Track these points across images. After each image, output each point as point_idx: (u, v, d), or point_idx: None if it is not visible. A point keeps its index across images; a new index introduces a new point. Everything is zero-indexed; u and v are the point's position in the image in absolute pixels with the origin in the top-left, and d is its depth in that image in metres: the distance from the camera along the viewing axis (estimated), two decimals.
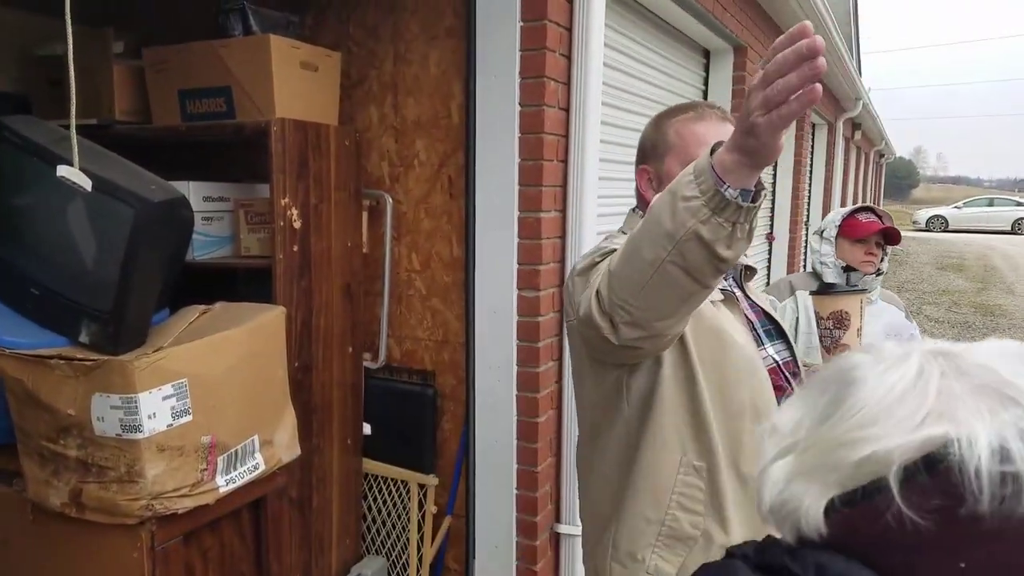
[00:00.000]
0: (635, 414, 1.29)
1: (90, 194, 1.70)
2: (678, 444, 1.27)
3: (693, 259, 0.98)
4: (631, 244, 1.05)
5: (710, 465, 1.27)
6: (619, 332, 1.08)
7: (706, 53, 4.65)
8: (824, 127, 9.95)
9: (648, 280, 1.02)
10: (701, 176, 0.96)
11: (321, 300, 2.30)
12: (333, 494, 2.43)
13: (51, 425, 1.65)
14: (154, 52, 2.25)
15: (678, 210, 0.97)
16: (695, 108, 1.40)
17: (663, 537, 1.27)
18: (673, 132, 1.38)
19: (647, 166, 1.42)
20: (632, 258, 1.04)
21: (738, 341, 1.32)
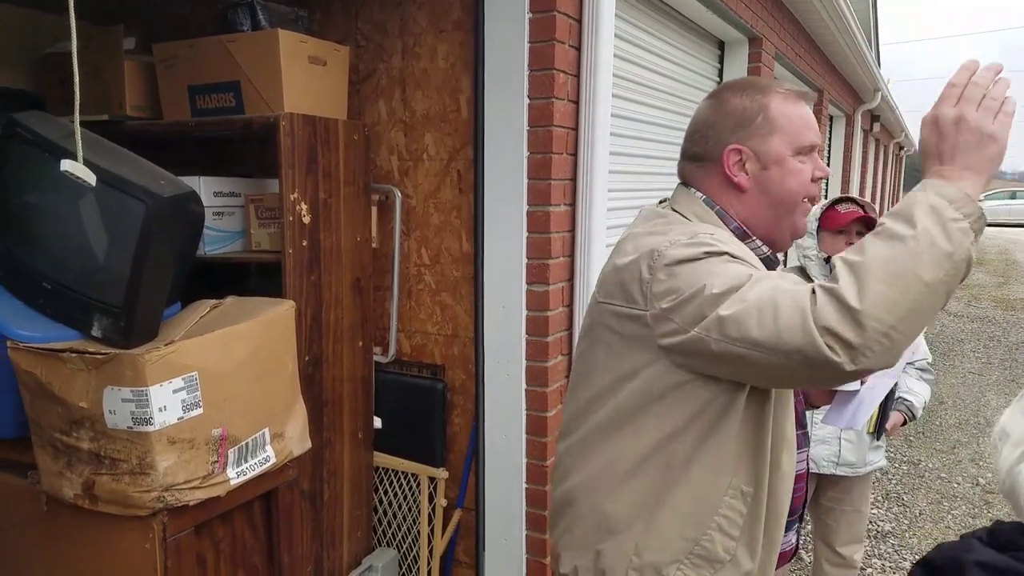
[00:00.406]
0: (699, 429, 1.19)
1: (101, 189, 1.72)
2: (732, 467, 1.21)
3: (956, 278, 1.02)
4: (895, 264, 1.00)
5: (756, 491, 1.23)
6: (865, 360, 1.00)
7: (720, 44, 4.61)
8: (842, 119, 9.85)
9: (921, 303, 1.00)
10: (958, 201, 1.01)
11: (331, 294, 2.31)
12: (344, 487, 2.45)
13: (64, 418, 1.67)
14: (164, 48, 2.27)
15: (952, 232, 1.00)
16: (781, 86, 1.29)
17: (693, 556, 1.22)
18: (777, 111, 1.25)
19: (742, 145, 1.25)
20: (904, 282, 0.99)
21: None
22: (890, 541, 3.79)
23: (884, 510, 4.16)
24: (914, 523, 4.01)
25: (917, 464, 4.83)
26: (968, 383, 6.72)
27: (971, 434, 5.38)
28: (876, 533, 3.87)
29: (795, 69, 5.94)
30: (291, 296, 2.13)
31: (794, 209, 1.27)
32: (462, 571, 2.67)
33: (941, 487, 4.49)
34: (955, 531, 3.91)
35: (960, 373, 7.06)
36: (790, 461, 1.30)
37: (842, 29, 6.22)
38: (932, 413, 5.83)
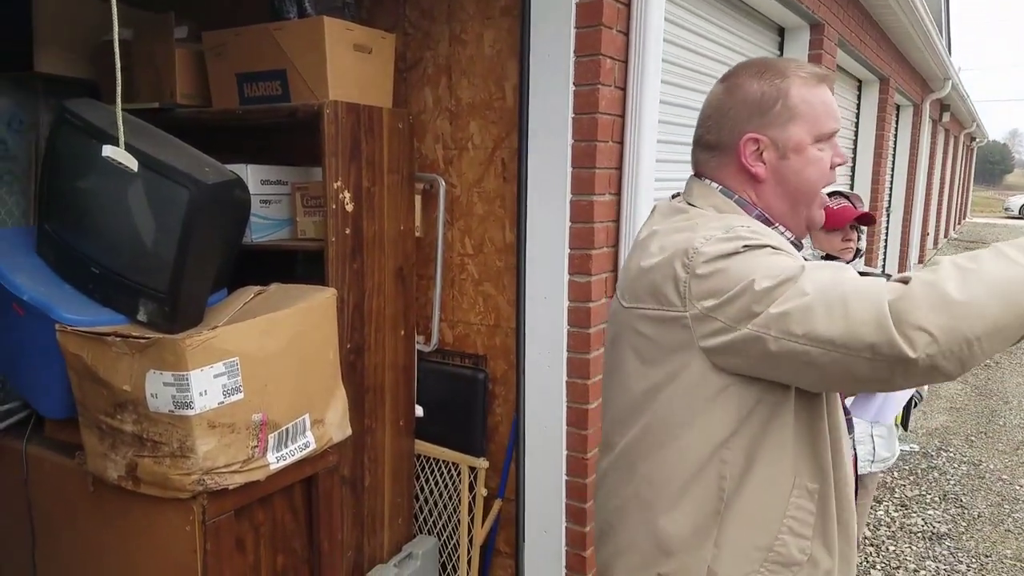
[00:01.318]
0: (750, 432, 1.13)
1: (146, 175, 1.75)
2: (792, 465, 1.15)
3: None
4: (1008, 286, 0.96)
5: (823, 487, 1.18)
6: (946, 364, 0.95)
7: (780, 30, 4.47)
8: (909, 108, 9.50)
9: (1014, 328, 0.96)
10: None
11: (373, 283, 2.31)
12: (385, 474, 2.46)
13: (108, 400, 1.71)
14: (213, 36, 2.29)
15: None
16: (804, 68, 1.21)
17: (769, 563, 1.16)
18: (798, 96, 1.18)
19: (759, 134, 1.19)
20: (1008, 301, 0.95)
21: None
22: (945, 543, 3.66)
23: (941, 511, 4.02)
24: (971, 525, 3.86)
25: (978, 465, 4.65)
26: None
27: None
28: (931, 535, 3.74)
29: (859, 56, 5.74)
30: (333, 284, 2.14)
31: (812, 199, 1.23)
32: (502, 561, 2.66)
33: (1002, 489, 4.32)
34: (1015, 535, 3.75)
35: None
36: (847, 448, 1.25)
37: (909, 13, 5.98)
38: (995, 413, 5.61)
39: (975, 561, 3.49)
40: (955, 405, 5.77)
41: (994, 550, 3.60)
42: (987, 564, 3.46)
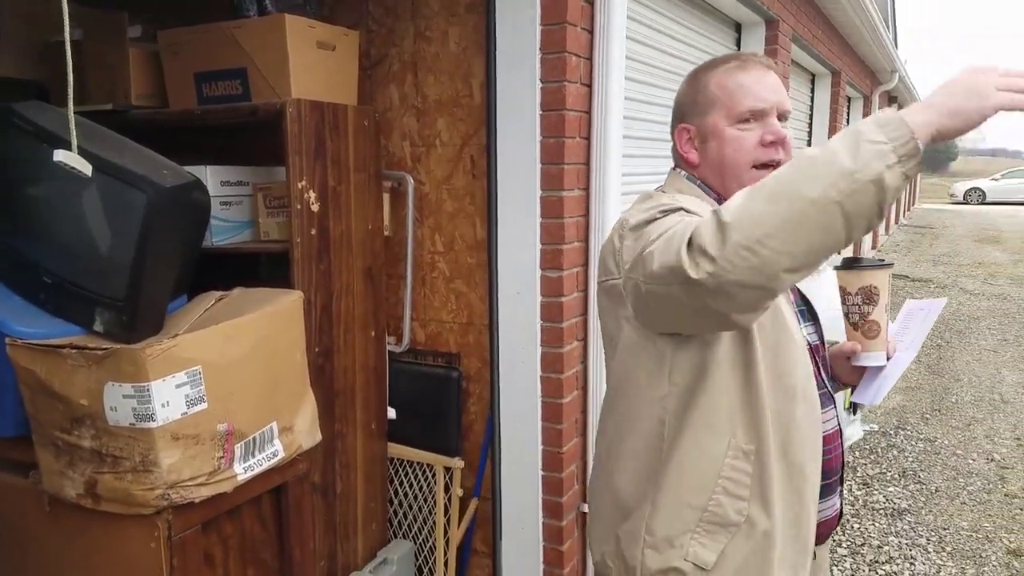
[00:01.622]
0: (678, 392, 1.21)
1: (101, 180, 1.67)
2: (728, 427, 1.20)
3: (860, 203, 0.94)
4: (780, 183, 0.97)
5: (759, 448, 1.20)
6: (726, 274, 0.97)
7: (738, 27, 4.51)
8: (859, 100, 9.70)
9: (800, 219, 0.94)
10: (889, 124, 0.95)
11: (341, 284, 2.26)
12: (358, 479, 2.41)
13: (65, 415, 1.63)
14: (169, 35, 2.21)
15: (863, 151, 0.94)
16: (737, 58, 1.32)
17: (704, 523, 1.21)
18: (715, 85, 1.29)
19: (687, 124, 1.34)
20: (781, 196, 0.96)
21: (789, 321, 1.26)
22: (907, 519, 3.76)
23: (901, 487, 4.13)
24: (930, 500, 3.98)
25: (933, 441, 4.80)
26: (983, 360, 6.67)
27: (986, 410, 5.36)
28: (892, 511, 3.84)
29: (812, 51, 5.83)
30: (300, 286, 2.08)
31: (738, 174, 1.28)
32: (479, 560, 2.64)
33: (957, 463, 4.46)
34: (970, 507, 3.89)
35: (975, 350, 7.00)
36: (809, 416, 1.26)
37: (857, 8, 6.09)
38: (948, 391, 5.80)
39: (934, 534, 3.59)
40: (910, 384, 5.93)
41: (951, 523, 3.71)
42: (945, 536, 3.57)
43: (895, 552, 3.44)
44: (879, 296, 1.34)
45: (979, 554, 3.41)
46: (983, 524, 3.69)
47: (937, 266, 12.33)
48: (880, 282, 1.35)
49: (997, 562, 3.34)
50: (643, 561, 1.25)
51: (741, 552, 1.20)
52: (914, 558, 3.38)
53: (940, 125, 0.96)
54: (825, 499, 1.34)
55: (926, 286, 10.35)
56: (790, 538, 1.23)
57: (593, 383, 2.46)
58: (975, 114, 0.96)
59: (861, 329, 1.36)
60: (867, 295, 1.35)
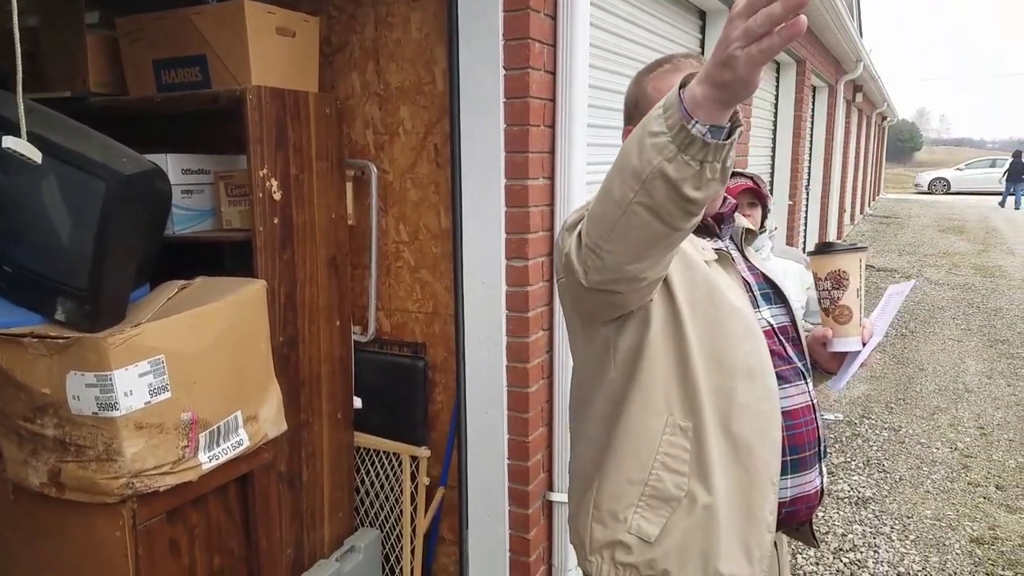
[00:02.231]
0: (621, 374, 1.27)
1: (60, 168, 1.65)
2: (664, 405, 1.25)
3: (660, 199, 0.95)
4: (604, 185, 1.02)
5: (696, 425, 1.24)
6: (589, 276, 1.08)
7: (702, 14, 4.55)
8: (825, 90, 9.82)
9: (617, 221, 0.99)
10: (669, 110, 0.92)
11: (305, 273, 2.26)
12: (324, 468, 2.42)
13: (27, 404, 1.63)
14: (127, 21, 2.19)
15: (645, 147, 0.94)
16: (671, 60, 1.34)
17: (646, 498, 1.25)
18: (651, 88, 1.32)
19: (631, 126, 1.35)
20: (604, 199, 1.01)
21: (733, 302, 1.28)
22: (871, 507, 3.83)
23: (865, 476, 4.20)
24: (894, 488, 4.05)
25: (898, 431, 4.88)
26: (947, 349, 6.78)
27: (950, 399, 5.45)
28: (857, 500, 3.91)
29: None
30: (263, 275, 2.08)
31: None
32: (446, 548, 2.66)
33: (921, 452, 4.54)
34: (934, 496, 3.96)
35: (940, 340, 7.13)
36: (754, 392, 1.27)
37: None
38: (912, 380, 5.89)
39: (898, 523, 3.66)
40: (875, 374, 6.03)
41: (915, 511, 3.78)
42: (909, 525, 3.64)
43: (859, 540, 3.50)
44: (849, 280, 1.34)
45: (942, 542, 3.48)
46: (946, 512, 3.77)
47: (902, 256, 12.56)
48: (849, 266, 1.34)
49: (960, 550, 3.41)
50: (591, 534, 1.30)
51: (682, 526, 1.24)
52: (878, 546, 3.45)
53: (718, 98, 0.88)
54: (798, 474, 1.34)
55: (891, 276, 10.54)
56: (737, 515, 1.26)
57: (559, 372, 2.49)
58: (738, 85, 0.86)
59: (832, 314, 1.37)
60: (836, 280, 1.36)
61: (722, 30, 0.85)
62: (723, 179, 0.95)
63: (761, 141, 7.14)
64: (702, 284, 1.26)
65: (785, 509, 1.34)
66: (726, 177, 0.95)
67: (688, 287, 1.25)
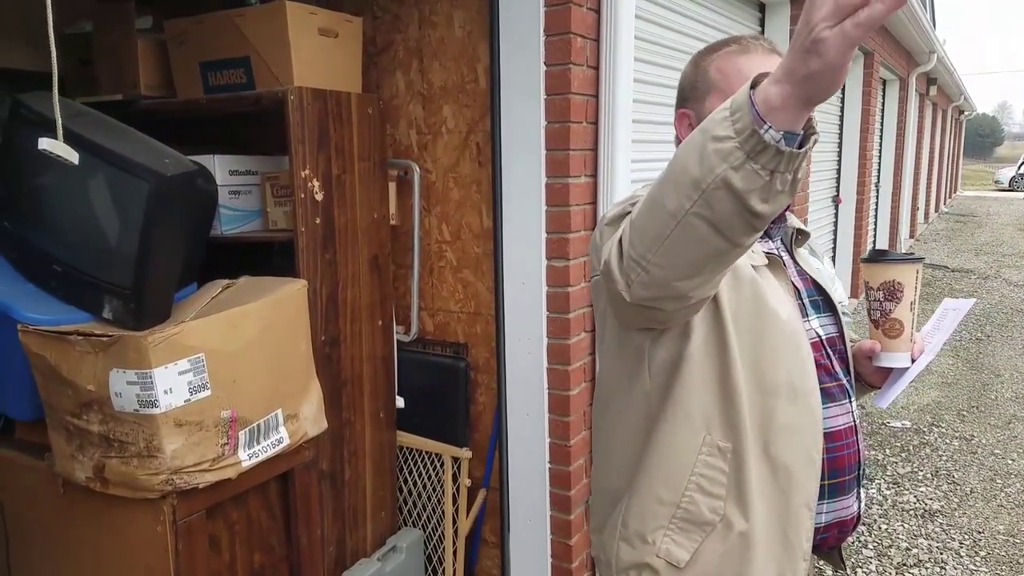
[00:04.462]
0: (656, 387, 1.19)
1: (106, 169, 1.70)
2: (702, 422, 1.16)
3: (722, 212, 0.85)
4: (653, 192, 0.92)
5: (736, 446, 1.16)
6: (632, 290, 0.97)
7: (761, 6, 4.42)
8: (895, 83, 9.47)
9: (669, 234, 0.89)
10: (738, 112, 0.82)
11: (347, 273, 2.27)
12: (366, 467, 2.43)
13: (74, 400, 1.67)
14: (174, 24, 2.23)
15: (707, 153, 0.83)
16: (738, 41, 1.24)
17: (677, 520, 1.18)
18: (714, 69, 1.22)
19: (686, 109, 1.27)
20: (653, 208, 0.91)
21: (780, 314, 1.19)
22: (938, 520, 3.65)
23: (933, 487, 4.01)
24: (964, 501, 3.85)
25: (970, 440, 4.64)
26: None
27: None
28: (923, 512, 3.73)
29: None
30: (305, 275, 2.10)
31: None
32: (488, 551, 2.64)
33: (994, 464, 4.31)
34: (1008, 510, 3.74)
35: (1018, 344, 6.77)
36: (796, 413, 1.19)
37: None
38: (987, 386, 5.61)
39: (968, 537, 3.48)
40: (947, 380, 5.76)
41: (987, 526, 3.59)
42: (980, 540, 3.45)
43: (924, 555, 3.33)
44: (903, 293, 1.24)
45: (1016, 560, 3.28)
46: (1021, 528, 3.55)
47: (979, 256, 12.01)
48: (905, 277, 1.24)
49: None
50: (618, 555, 1.23)
51: (716, 552, 1.17)
52: (945, 562, 3.28)
53: (799, 96, 0.78)
54: (836, 499, 1.27)
55: (966, 276, 10.09)
56: (774, 541, 1.19)
57: None
58: (826, 74, 0.76)
59: (882, 327, 1.27)
60: (890, 291, 1.24)
61: (802, 13, 0.75)
62: (792, 192, 0.85)
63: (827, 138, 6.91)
64: (748, 293, 1.18)
65: (819, 536, 1.26)
66: (795, 191, 0.86)
67: (734, 297, 1.17)
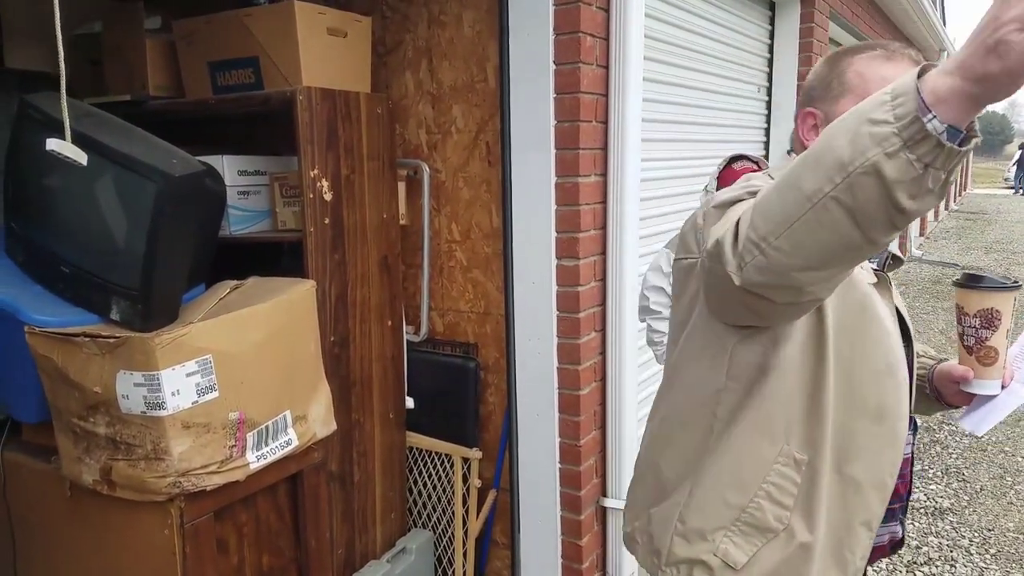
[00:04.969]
0: (735, 388, 1.14)
1: (113, 170, 1.69)
2: (782, 432, 1.13)
3: (864, 200, 0.79)
4: (789, 173, 0.87)
5: (813, 460, 1.13)
6: (744, 273, 0.91)
7: (771, 4, 4.38)
8: None
9: (800, 216, 0.84)
10: (900, 98, 0.78)
11: (356, 273, 2.26)
12: (376, 469, 2.41)
13: (81, 403, 1.66)
14: (183, 24, 2.22)
15: (860, 134, 0.79)
16: (884, 47, 1.19)
17: (740, 524, 1.15)
18: (853, 72, 1.17)
19: (814, 108, 1.21)
20: (786, 188, 0.86)
21: (890, 334, 1.16)
22: (948, 518, 3.61)
23: (943, 485, 3.97)
24: (974, 499, 3.82)
25: (979, 437, 4.60)
26: None
27: None
28: (934, 510, 3.70)
29: (853, 29, 5.64)
30: (314, 275, 2.08)
31: None
32: (499, 552, 2.62)
33: (1004, 461, 4.27)
34: (1018, 507, 3.71)
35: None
36: (879, 435, 1.16)
37: None
38: None
39: (978, 535, 3.45)
40: None
41: (997, 523, 3.56)
42: (990, 538, 3.42)
43: (935, 553, 3.31)
44: (1000, 321, 1.21)
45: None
46: None
47: (989, 254, 11.93)
48: (1003, 305, 1.21)
49: None
50: (671, 547, 1.21)
51: (773, 560, 1.15)
52: (955, 560, 3.25)
53: (970, 94, 0.74)
54: (881, 525, 1.26)
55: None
56: (830, 554, 1.17)
57: (612, 375, 2.42)
58: (1003, 79, 0.72)
59: (976, 354, 1.23)
60: (987, 319, 1.21)
61: (991, 8, 0.71)
62: (940, 195, 0.80)
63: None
64: (857, 308, 1.13)
65: None
66: (943, 194, 0.81)
67: (841, 307, 1.11)
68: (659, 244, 3.28)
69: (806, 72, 4.39)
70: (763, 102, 4.42)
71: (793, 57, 4.42)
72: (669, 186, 3.19)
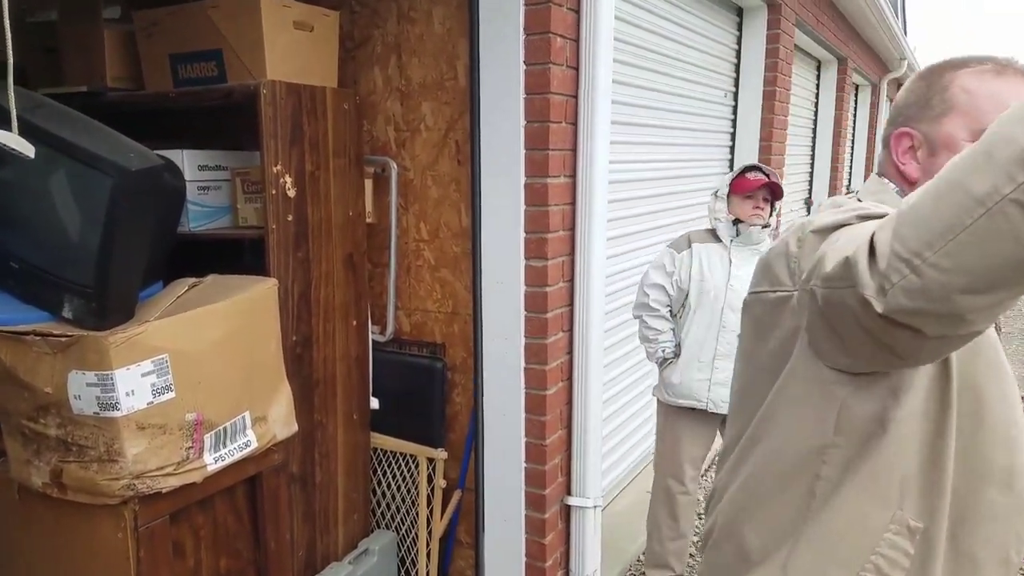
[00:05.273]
0: (848, 446, 0.99)
1: (67, 163, 1.63)
2: (897, 496, 0.98)
3: None
4: (946, 176, 0.73)
5: (930, 528, 0.99)
6: (890, 297, 0.75)
7: (739, 11, 4.43)
8: (867, 88, 9.58)
9: (969, 226, 0.69)
10: None
11: (320, 271, 2.22)
12: (338, 469, 2.38)
13: (30, 403, 1.60)
14: (144, 15, 2.16)
15: None
16: (993, 61, 1.05)
17: None
18: (958, 87, 1.04)
19: (911, 128, 1.08)
20: (947, 193, 0.72)
21: (1012, 383, 1.04)
22: None
23: None
24: None
25: None
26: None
27: None
28: None
29: (817, 37, 5.73)
30: (276, 273, 2.04)
31: None
32: (463, 551, 2.60)
33: None
34: None
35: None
36: (1009, 503, 1.02)
37: None
38: None
39: None
40: None
41: None
42: None
43: None
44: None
45: None
46: None
47: None
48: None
49: None
50: None
51: None
52: None
53: None
54: None
55: None
56: None
57: (579, 375, 2.42)
58: None
59: None
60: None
61: None
62: None
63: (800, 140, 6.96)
64: (983, 348, 1.00)
65: None
66: None
67: (967, 353, 0.95)
68: (628, 246, 3.29)
69: (772, 78, 4.44)
70: (729, 107, 4.46)
71: (759, 63, 4.46)
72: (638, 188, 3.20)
